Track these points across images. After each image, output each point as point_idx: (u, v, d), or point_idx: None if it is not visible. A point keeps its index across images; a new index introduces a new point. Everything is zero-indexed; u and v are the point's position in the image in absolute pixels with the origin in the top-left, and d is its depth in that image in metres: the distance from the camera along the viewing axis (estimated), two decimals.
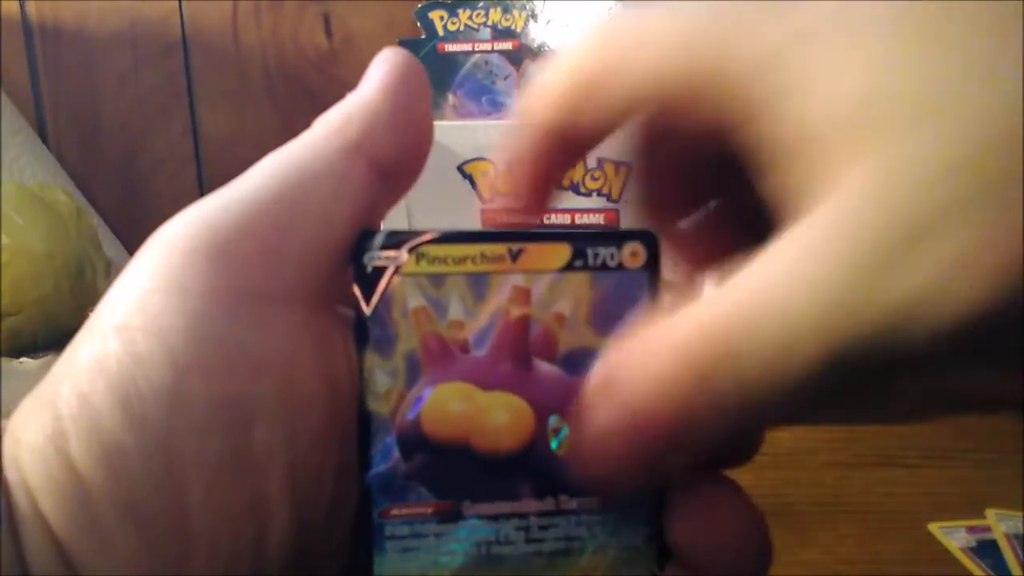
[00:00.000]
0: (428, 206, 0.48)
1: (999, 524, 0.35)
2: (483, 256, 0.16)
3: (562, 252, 0.16)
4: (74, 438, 0.13)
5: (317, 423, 0.15)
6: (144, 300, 0.14)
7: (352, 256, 0.16)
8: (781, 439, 0.44)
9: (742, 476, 0.16)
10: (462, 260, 0.16)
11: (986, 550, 0.34)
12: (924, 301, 0.11)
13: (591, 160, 0.46)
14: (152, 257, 0.14)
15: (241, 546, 0.14)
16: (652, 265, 0.17)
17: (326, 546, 0.16)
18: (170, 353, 0.14)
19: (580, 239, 0.16)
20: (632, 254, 0.17)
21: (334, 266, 0.16)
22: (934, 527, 0.36)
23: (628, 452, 0.13)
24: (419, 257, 0.16)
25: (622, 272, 0.16)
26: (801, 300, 0.11)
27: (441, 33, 0.48)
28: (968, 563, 0.33)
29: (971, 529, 0.36)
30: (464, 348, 0.16)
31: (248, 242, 0.15)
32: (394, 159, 0.16)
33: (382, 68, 0.16)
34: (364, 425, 0.16)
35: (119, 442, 0.13)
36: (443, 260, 0.16)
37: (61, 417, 0.13)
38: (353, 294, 0.16)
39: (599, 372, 0.14)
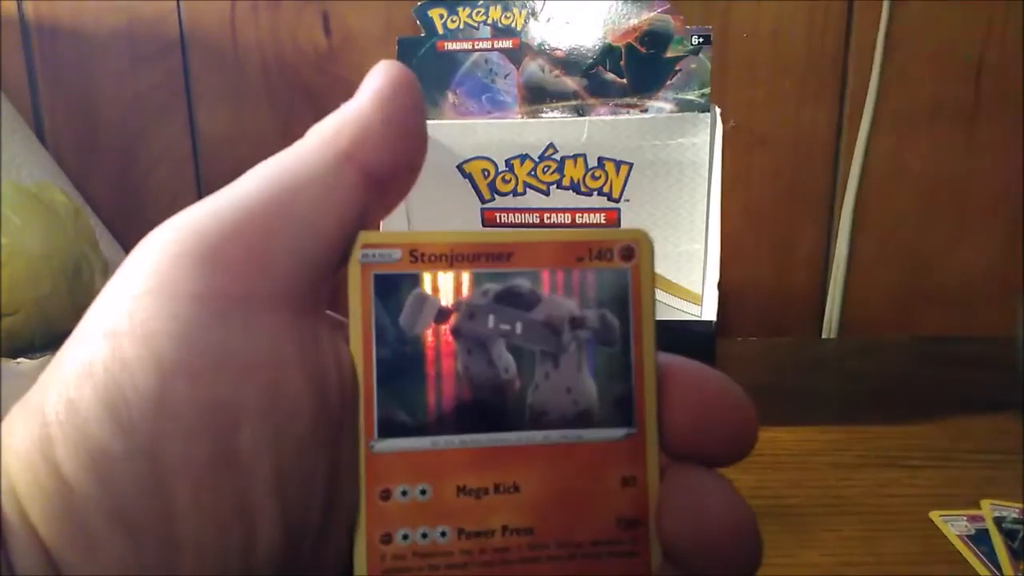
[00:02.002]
0: (428, 204, 0.47)
1: (992, 513, 0.36)
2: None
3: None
4: (61, 444, 0.13)
5: (304, 427, 0.15)
6: (132, 305, 0.14)
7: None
8: (783, 440, 0.44)
9: (744, 478, 0.16)
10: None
11: (983, 538, 0.35)
12: None
13: (592, 159, 0.46)
14: (140, 262, 0.15)
15: (229, 551, 0.14)
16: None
17: (319, 552, 0.16)
18: (157, 358, 0.14)
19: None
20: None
21: (322, 272, 0.16)
22: (935, 515, 0.36)
23: None
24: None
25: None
26: None
27: (441, 31, 0.47)
28: (970, 556, 0.33)
29: (972, 519, 0.36)
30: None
31: (236, 247, 0.15)
32: (386, 169, 0.16)
33: (376, 80, 0.17)
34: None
35: (106, 448, 0.13)
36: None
37: (48, 423, 0.13)
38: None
39: None
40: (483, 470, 0.16)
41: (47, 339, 0.45)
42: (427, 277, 0.16)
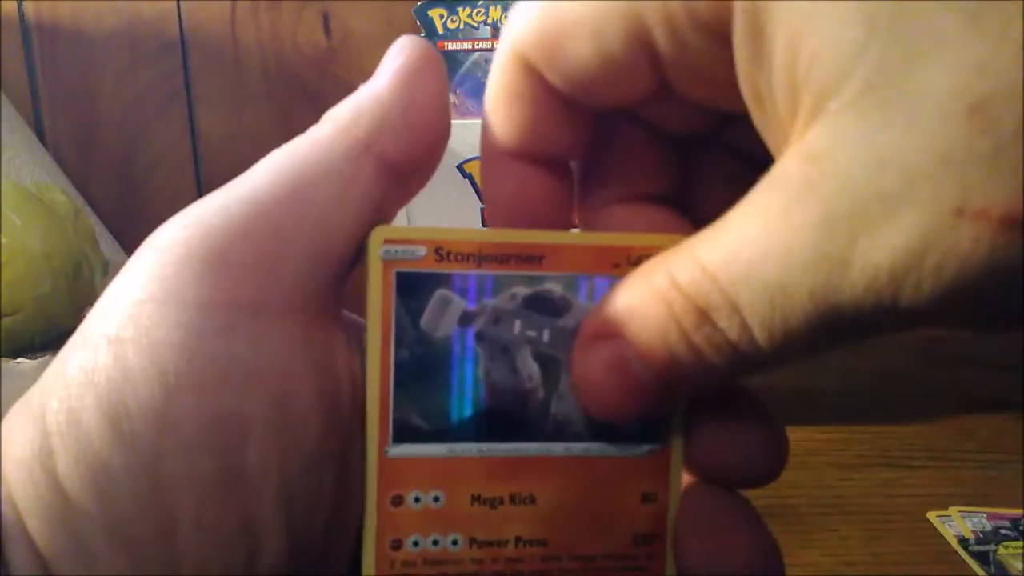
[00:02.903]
0: (427, 205, 0.47)
1: (964, 521, 0.36)
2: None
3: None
4: (61, 456, 0.13)
5: (313, 440, 0.14)
6: (136, 310, 0.13)
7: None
8: None
9: None
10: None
11: (983, 539, 0.35)
12: (913, 259, 0.10)
13: None
14: (145, 264, 0.14)
15: (232, 569, 0.13)
16: None
17: (324, 559, 0.15)
18: (161, 368, 0.13)
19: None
20: None
21: (337, 273, 0.15)
22: (932, 515, 0.36)
23: (627, 390, 0.14)
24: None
25: None
26: (792, 253, 0.11)
27: (441, 31, 0.47)
28: (968, 557, 0.33)
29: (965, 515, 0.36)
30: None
31: (245, 249, 0.14)
32: (406, 159, 0.15)
33: (396, 59, 0.15)
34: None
35: (106, 462, 0.13)
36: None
37: (49, 433, 0.13)
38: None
39: (600, 312, 0.14)
40: (500, 480, 0.16)
41: (47, 339, 0.45)
42: (452, 277, 0.15)
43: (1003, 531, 0.35)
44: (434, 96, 0.15)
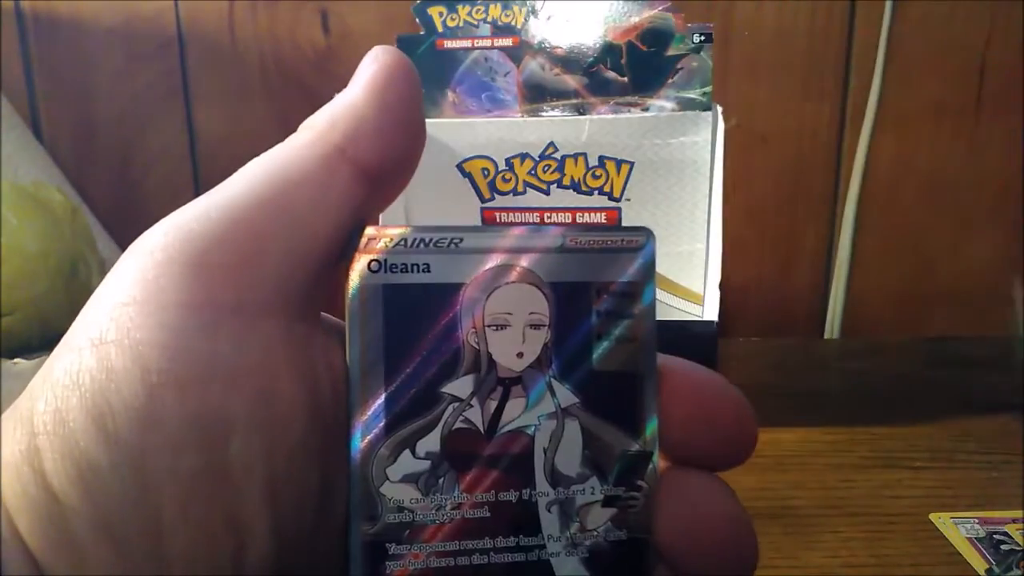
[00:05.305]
0: (427, 204, 0.47)
1: (958, 528, 0.35)
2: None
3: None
4: (49, 456, 0.13)
5: (297, 436, 0.15)
6: (118, 313, 0.14)
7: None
8: (785, 441, 0.43)
9: (746, 479, 0.16)
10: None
11: (987, 541, 0.34)
12: None
13: (592, 158, 0.46)
14: (128, 269, 0.14)
15: (220, 564, 0.14)
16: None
17: (311, 561, 0.15)
18: (143, 368, 0.13)
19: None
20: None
21: (316, 274, 0.15)
22: (936, 516, 0.36)
23: None
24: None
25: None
26: None
27: (440, 29, 0.47)
28: (973, 558, 0.33)
29: (978, 521, 0.36)
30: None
31: (226, 252, 0.14)
32: (382, 163, 0.16)
33: (369, 68, 0.16)
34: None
35: (93, 461, 0.13)
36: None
37: (36, 434, 0.13)
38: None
39: None
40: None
41: (44, 339, 0.45)
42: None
43: (996, 536, 0.35)
44: (408, 101, 0.16)
